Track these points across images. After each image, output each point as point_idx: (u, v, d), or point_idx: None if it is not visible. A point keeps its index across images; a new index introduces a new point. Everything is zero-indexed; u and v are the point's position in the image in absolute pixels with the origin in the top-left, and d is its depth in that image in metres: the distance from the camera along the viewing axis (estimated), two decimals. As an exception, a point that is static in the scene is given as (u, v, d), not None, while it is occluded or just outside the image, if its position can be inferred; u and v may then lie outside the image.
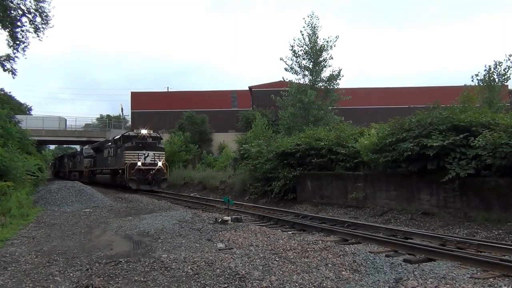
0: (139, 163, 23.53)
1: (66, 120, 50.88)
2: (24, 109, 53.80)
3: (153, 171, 23.72)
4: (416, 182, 11.87)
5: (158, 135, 26.45)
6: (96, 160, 34.01)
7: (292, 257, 6.88)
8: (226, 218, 10.93)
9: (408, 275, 5.64)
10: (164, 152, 25.77)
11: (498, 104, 22.61)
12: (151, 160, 24.18)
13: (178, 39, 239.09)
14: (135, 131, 25.92)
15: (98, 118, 73.13)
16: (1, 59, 21.81)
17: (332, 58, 25.78)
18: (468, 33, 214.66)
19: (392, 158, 11.95)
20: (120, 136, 26.19)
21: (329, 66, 26.08)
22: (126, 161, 23.83)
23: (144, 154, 24.05)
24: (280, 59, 26.28)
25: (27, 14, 21.54)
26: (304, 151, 16.21)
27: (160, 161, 24.37)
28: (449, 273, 5.68)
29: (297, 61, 25.95)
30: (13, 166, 15.53)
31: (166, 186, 24.94)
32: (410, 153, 11.11)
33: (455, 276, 5.52)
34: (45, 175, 33.53)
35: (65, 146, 76.04)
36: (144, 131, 25.21)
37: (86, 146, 41.41)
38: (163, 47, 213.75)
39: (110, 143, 29.46)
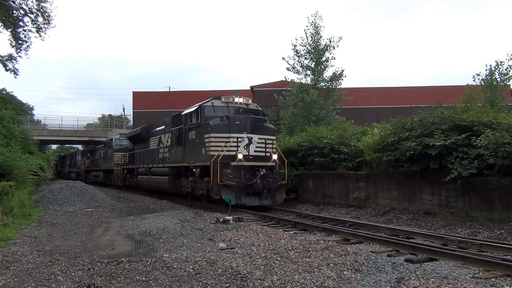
0: (240, 156, 13.17)
1: None
2: (26, 109, 53.95)
3: (264, 171, 13.34)
4: (418, 181, 11.85)
5: (259, 108, 15.77)
6: (137, 154, 22.86)
7: (293, 256, 6.87)
8: (227, 217, 10.93)
9: (410, 275, 5.63)
10: (275, 137, 15.02)
11: (500, 103, 22.55)
12: (257, 151, 13.68)
13: (179, 39, 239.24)
14: (223, 98, 14.96)
15: (100, 118, 73.28)
16: (4, 59, 21.86)
17: (334, 58, 25.77)
18: (468, 34, 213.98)
19: (395, 158, 11.94)
20: (196, 109, 14.91)
21: (332, 66, 26.09)
22: (211, 152, 13.31)
23: (245, 139, 13.46)
24: (282, 59, 26.25)
25: (29, 14, 21.58)
26: (306, 150, 16.21)
27: (274, 153, 14.04)
28: (451, 273, 5.67)
29: (299, 60, 25.94)
30: (16, 166, 15.58)
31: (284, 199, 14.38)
32: (412, 152, 11.10)
33: (457, 276, 5.51)
34: (47, 174, 33.65)
35: (66, 146, 76.18)
36: (239, 99, 14.99)
37: (116, 136, 30.91)
38: (165, 47, 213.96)
39: (164, 126, 19.18)
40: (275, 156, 13.98)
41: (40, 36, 21.98)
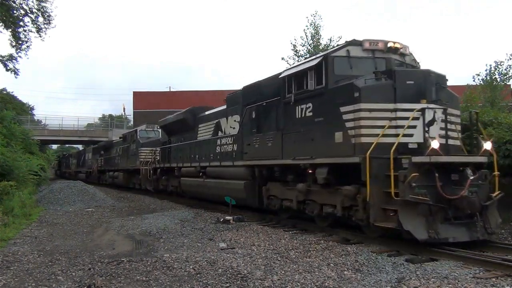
0: (435, 144, 6.89)
1: None
2: (26, 109, 53.94)
3: (471, 173, 7.29)
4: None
5: (417, 63, 9.49)
6: (176, 149, 17.19)
7: (294, 256, 6.88)
8: (228, 217, 10.93)
9: (411, 275, 5.63)
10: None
11: (500, 103, 22.56)
12: (443, 135, 7.58)
13: (180, 39, 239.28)
14: (367, 44, 8.60)
15: (100, 117, 73.34)
16: (4, 59, 21.86)
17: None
18: (468, 34, 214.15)
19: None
20: (318, 63, 8.55)
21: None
22: (363, 138, 7.44)
23: (427, 113, 7.37)
24: (282, 59, 26.22)
25: (29, 14, 21.59)
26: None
27: (484, 139, 7.98)
28: (452, 273, 5.66)
29: (299, 60, 25.92)
30: (16, 166, 15.60)
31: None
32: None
33: (457, 276, 5.50)
34: (48, 174, 33.66)
35: (67, 146, 76.27)
36: (394, 43, 8.72)
37: (142, 127, 24.57)
38: (165, 47, 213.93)
39: (225, 106, 13.55)
40: (487, 145, 7.77)
41: (40, 36, 21.97)
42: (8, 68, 21.93)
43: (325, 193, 8.62)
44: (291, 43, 25.93)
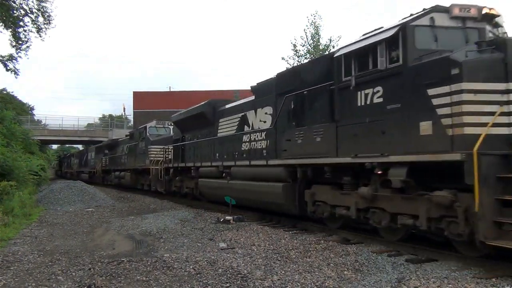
0: None
1: None
2: (26, 109, 54.01)
3: None
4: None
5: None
6: (191, 147, 15.88)
7: (294, 256, 6.88)
8: (228, 217, 10.94)
9: (411, 275, 5.63)
10: None
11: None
12: None
13: (180, 39, 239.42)
14: (456, 9, 6.82)
15: (100, 117, 73.38)
16: (4, 59, 21.89)
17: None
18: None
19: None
20: (394, 34, 6.83)
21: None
22: (468, 128, 5.75)
23: None
24: (282, 59, 26.26)
25: (29, 14, 21.63)
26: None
27: None
28: (452, 273, 5.66)
29: (299, 60, 25.96)
30: (16, 166, 15.61)
31: None
32: None
33: (457, 276, 5.50)
34: (48, 174, 33.68)
35: (67, 146, 76.34)
36: (488, 9, 6.90)
37: (152, 123, 23.04)
38: (166, 47, 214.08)
39: (253, 97, 11.96)
40: None
41: (40, 36, 22.05)
42: (8, 68, 21.98)
43: (400, 199, 6.88)
44: (291, 43, 26.03)
